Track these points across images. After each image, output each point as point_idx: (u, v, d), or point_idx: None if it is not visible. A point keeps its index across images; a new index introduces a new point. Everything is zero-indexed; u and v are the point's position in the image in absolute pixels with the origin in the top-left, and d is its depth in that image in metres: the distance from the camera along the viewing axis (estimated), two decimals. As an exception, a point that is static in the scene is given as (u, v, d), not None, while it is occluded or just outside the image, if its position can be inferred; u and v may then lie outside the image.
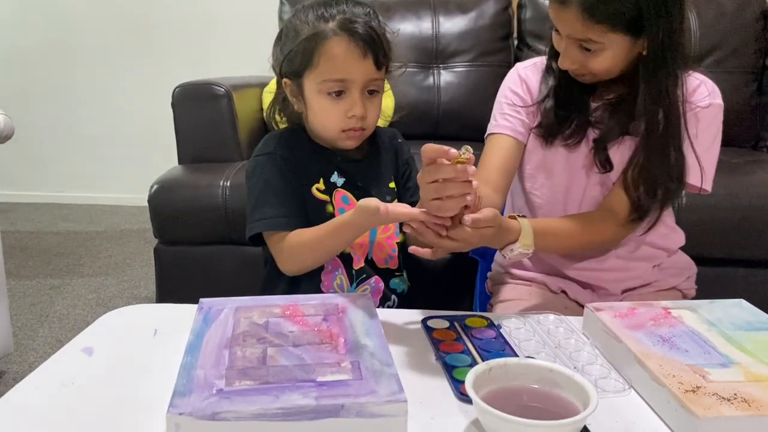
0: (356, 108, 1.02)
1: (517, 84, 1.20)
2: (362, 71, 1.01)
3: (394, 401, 0.67)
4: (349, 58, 0.99)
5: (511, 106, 1.19)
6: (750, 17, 2.24)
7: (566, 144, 1.13)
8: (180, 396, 0.67)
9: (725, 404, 0.68)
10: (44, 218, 3.37)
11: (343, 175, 1.10)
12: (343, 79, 1.01)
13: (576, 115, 1.12)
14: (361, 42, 0.99)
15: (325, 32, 1.00)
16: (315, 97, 1.04)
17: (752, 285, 1.64)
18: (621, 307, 0.92)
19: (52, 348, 1.90)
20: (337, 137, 1.07)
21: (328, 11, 1.01)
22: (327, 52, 1.00)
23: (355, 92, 1.02)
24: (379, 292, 1.13)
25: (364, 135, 1.08)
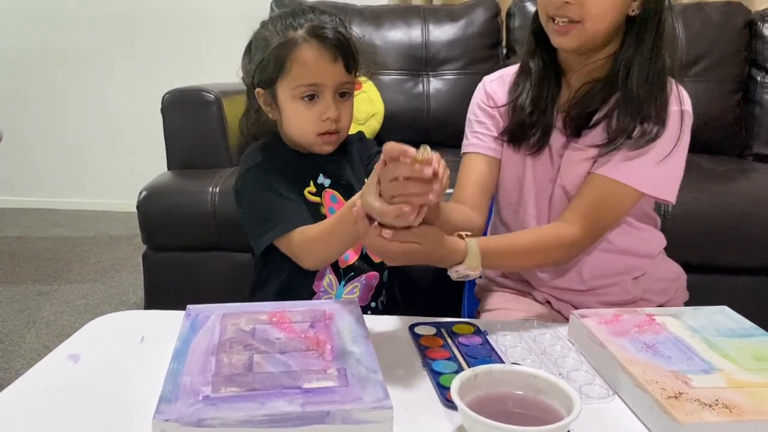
0: (330, 111, 1.06)
1: (484, 99, 1.20)
2: (333, 75, 1.04)
3: (380, 408, 0.67)
4: (321, 62, 1.03)
5: (480, 123, 1.19)
6: (735, 27, 2.27)
7: (531, 153, 1.13)
8: (166, 402, 0.67)
9: (707, 410, 0.68)
10: (33, 223, 3.35)
11: (327, 175, 1.13)
12: (315, 83, 1.04)
13: (542, 119, 1.11)
14: (331, 46, 1.03)
15: (295, 39, 1.03)
16: (289, 103, 1.07)
17: (737, 292, 1.66)
18: (606, 314, 0.93)
19: (40, 354, 1.89)
20: (314, 142, 1.09)
21: (296, 20, 1.05)
22: (298, 58, 1.03)
23: (327, 96, 1.05)
24: (370, 288, 1.14)
25: (339, 139, 1.11)
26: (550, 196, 1.14)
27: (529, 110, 1.11)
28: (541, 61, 1.12)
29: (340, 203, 1.12)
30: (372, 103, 2.25)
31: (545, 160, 1.14)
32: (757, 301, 1.65)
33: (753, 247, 1.65)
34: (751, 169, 2.08)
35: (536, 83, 1.12)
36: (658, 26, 1.03)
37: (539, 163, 1.14)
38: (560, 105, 1.13)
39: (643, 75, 1.03)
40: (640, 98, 1.03)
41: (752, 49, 2.30)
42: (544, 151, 1.13)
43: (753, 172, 2.01)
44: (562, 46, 1.06)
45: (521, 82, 1.14)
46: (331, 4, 2.43)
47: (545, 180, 1.14)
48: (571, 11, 1.01)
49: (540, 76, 1.12)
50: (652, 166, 1.04)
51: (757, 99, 2.29)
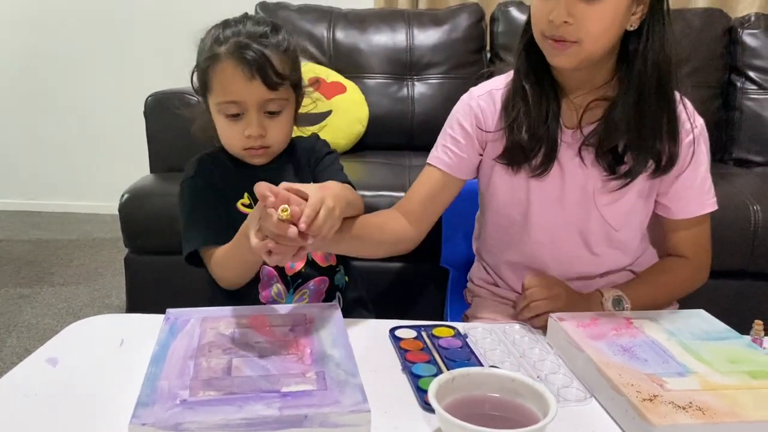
0: (250, 128, 1.04)
1: (467, 117, 1.14)
2: (252, 93, 1.02)
3: (357, 411, 0.68)
4: (237, 81, 1.01)
5: (455, 140, 1.14)
6: (715, 33, 2.30)
7: (534, 174, 1.09)
8: (143, 406, 0.67)
9: (680, 412, 0.69)
10: (14, 226, 3.32)
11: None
12: (235, 101, 1.03)
13: (545, 141, 1.06)
14: (247, 65, 1.00)
15: (217, 55, 1.02)
16: (217, 117, 1.07)
17: (715, 295, 1.67)
18: (584, 317, 0.94)
19: (20, 358, 1.86)
20: (242, 155, 1.09)
21: (224, 33, 1.04)
22: (218, 75, 1.03)
23: (251, 113, 1.04)
24: (320, 293, 1.14)
25: (271, 152, 1.10)
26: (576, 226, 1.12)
27: (528, 134, 1.06)
28: (536, 78, 1.07)
29: None
30: (356, 106, 2.25)
31: (554, 178, 1.09)
32: (734, 305, 1.67)
33: (731, 252, 1.67)
34: (731, 173, 2.10)
35: (533, 103, 1.06)
36: (662, 36, 1.00)
37: (547, 181, 1.10)
38: (565, 122, 1.08)
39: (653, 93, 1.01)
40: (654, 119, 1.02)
41: (732, 55, 2.33)
42: (551, 172, 1.09)
43: (732, 177, 2.04)
44: (560, 66, 1.02)
45: (516, 103, 1.08)
46: (316, 8, 2.44)
47: (554, 200, 1.11)
48: (569, 32, 0.96)
49: (536, 94, 1.06)
50: (709, 184, 1.11)
51: (737, 104, 2.32)
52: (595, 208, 1.09)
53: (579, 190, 1.09)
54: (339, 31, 2.39)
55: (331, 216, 0.86)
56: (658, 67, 1.00)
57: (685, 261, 1.14)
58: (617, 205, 1.09)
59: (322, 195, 0.86)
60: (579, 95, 1.07)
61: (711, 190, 1.11)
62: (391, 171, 1.98)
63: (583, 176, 1.09)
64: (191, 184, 1.11)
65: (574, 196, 1.10)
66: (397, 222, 1.13)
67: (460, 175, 1.15)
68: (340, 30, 2.39)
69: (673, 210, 1.11)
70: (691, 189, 1.09)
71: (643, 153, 1.03)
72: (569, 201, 1.10)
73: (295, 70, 1.08)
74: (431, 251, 1.49)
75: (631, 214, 1.11)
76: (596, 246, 1.12)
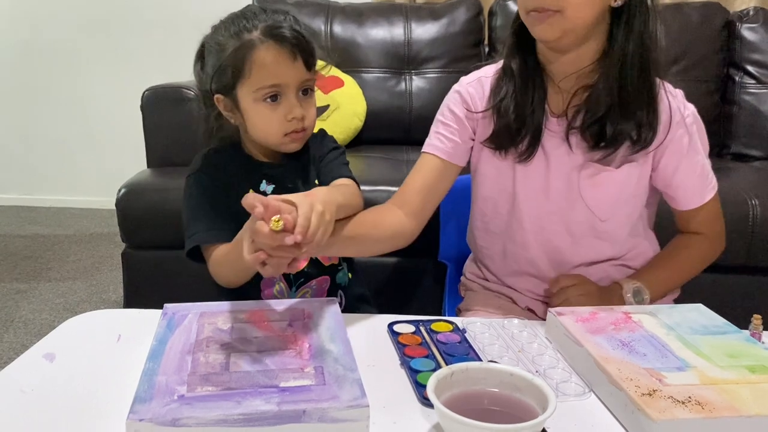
0: (295, 110, 1.04)
1: (457, 103, 1.15)
2: (294, 74, 1.02)
3: (356, 406, 0.68)
4: (281, 62, 1.01)
5: (446, 126, 1.15)
6: (714, 28, 2.30)
7: (521, 160, 1.10)
8: (140, 402, 0.66)
9: (679, 407, 0.69)
10: (11, 221, 3.31)
11: (271, 181, 1.11)
12: (277, 84, 1.02)
13: (530, 123, 1.07)
14: (288, 45, 1.00)
15: (252, 42, 1.00)
16: (252, 106, 1.04)
17: (716, 290, 1.67)
18: (583, 312, 0.94)
19: (17, 353, 1.85)
20: (281, 142, 1.07)
21: (249, 22, 1.02)
22: (257, 60, 1.00)
23: (291, 95, 1.03)
24: (322, 292, 1.14)
25: (306, 136, 1.09)
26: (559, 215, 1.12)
27: (514, 115, 1.08)
28: (523, 61, 1.08)
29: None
30: (354, 101, 2.25)
31: (538, 166, 1.10)
32: (734, 299, 1.67)
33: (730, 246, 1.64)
34: (729, 168, 2.10)
35: (520, 85, 1.08)
36: (646, 15, 1.00)
37: (531, 169, 1.11)
38: (551, 109, 1.09)
39: (636, 67, 1.01)
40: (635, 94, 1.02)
41: (730, 49, 2.33)
42: (536, 158, 1.09)
43: (730, 171, 2.04)
44: (542, 36, 1.02)
45: (504, 84, 1.10)
46: (313, 1, 2.43)
47: (539, 189, 1.11)
48: (549, 1, 0.97)
49: (523, 77, 1.08)
50: (708, 168, 1.12)
51: (735, 99, 2.32)
52: (580, 197, 1.09)
53: (564, 178, 1.10)
54: (336, 25, 2.38)
55: (322, 221, 0.86)
56: (640, 43, 1.01)
57: (700, 236, 1.16)
58: (602, 194, 1.09)
59: (311, 201, 0.86)
60: (565, 79, 1.07)
61: (710, 174, 1.13)
62: (388, 165, 1.98)
63: (569, 163, 1.09)
64: (196, 178, 1.10)
65: (559, 184, 1.10)
66: (393, 216, 1.12)
67: (456, 160, 1.16)
68: (337, 24, 2.38)
69: (679, 201, 1.12)
70: (692, 178, 1.10)
71: (625, 121, 1.03)
72: (554, 190, 1.11)
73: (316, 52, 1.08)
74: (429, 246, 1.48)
75: (617, 205, 1.10)
76: (581, 236, 1.12)
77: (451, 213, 1.43)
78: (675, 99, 1.07)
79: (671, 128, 1.05)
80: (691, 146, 1.08)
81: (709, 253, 1.18)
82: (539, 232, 1.14)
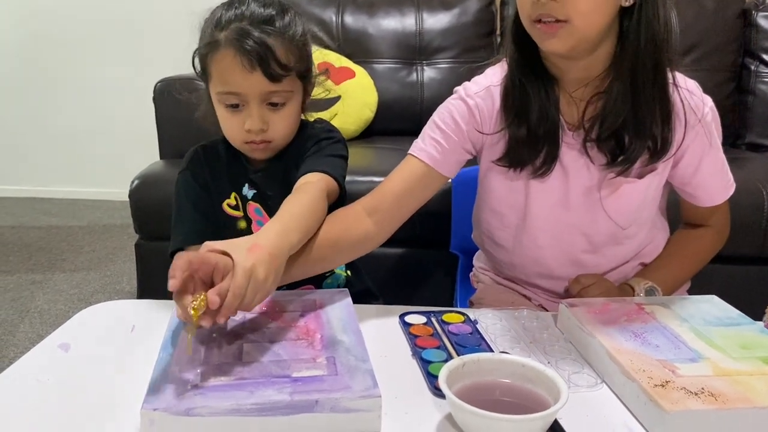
0: (250, 121, 0.98)
1: (464, 115, 1.07)
2: (252, 85, 0.96)
3: (368, 396, 0.68)
4: (236, 71, 0.95)
5: (444, 134, 1.07)
6: (730, 16, 2.27)
7: (536, 175, 1.04)
8: (154, 392, 0.67)
9: (692, 398, 0.69)
10: (26, 213, 3.34)
11: (252, 186, 1.08)
12: (234, 92, 0.97)
13: (546, 140, 1.02)
14: (246, 56, 0.94)
15: (217, 42, 0.96)
16: (217, 106, 1.02)
17: (728, 281, 1.66)
18: (595, 303, 0.93)
19: (33, 343, 1.87)
20: (243, 149, 1.04)
21: (227, 14, 0.97)
22: (217, 63, 0.97)
23: (252, 105, 0.98)
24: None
25: (273, 147, 1.04)
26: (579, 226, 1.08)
27: (527, 131, 1.01)
28: (531, 71, 1.01)
29: (265, 218, 1.06)
30: (365, 92, 2.24)
31: (556, 179, 1.05)
32: (746, 290, 1.65)
33: (744, 237, 1.66)
34: (744, 158, 2.08)
35: (533, 101, 1.01)
36: (656, 10, 0.93)
37: (548, 183, 1.05)
38: (566, 120, 1.04)
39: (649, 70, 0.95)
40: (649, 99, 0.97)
41: (746, 38, 2.30)
42: (554, 171, 1.04)
43: (745, 161, 2.02)
44: (552, 50, 0.95)
45: (513, 101, 1.03)
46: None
47: (556, 203, 1.07)
48: (556, 10, 0.89)
49: (533, 90, 1.01)
50: (726, 165, 1.10)
51: (750, 88, 2.29)
52: (601, 209, 1.05)
53: (584, 191, 1.05)
54: (348, 16, 2.38)
55: (261, 289, 0.76)
56: (653, 44, 0.94)
57: (707, 228, 1.15)
58: (624, 204, 1.05)
59: (251, 265, 0.74)
60: (578, 89, 1.01)
61: (728, 171, 1.11)
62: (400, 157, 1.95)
63: (587, 176, 1.04)
64: (182, 177, 1.08)
65: (579, 197, 1.06)
66: (359, 226, 1.03)
67: (446, 171, 1.08)
68: (348, 14, 2.38)
69: (701, 198, 1.10)
70: (714, 176, 1.08)
71: (640, 136, 0.98)
72: (574, 202, 1.06)
73: (303, 59, 1.01)
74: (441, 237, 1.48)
75: (638, 211, 1.07)
76: (602, 246, 1.09)
77: (463, 204, 1.42)
78: (692, 96, 1.02)
79: (688, 131, 1.00)
80: (711, 144, 1.05)
81: (717, 244, 1.17)
82: (556, 245, 1.10)
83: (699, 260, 1.15)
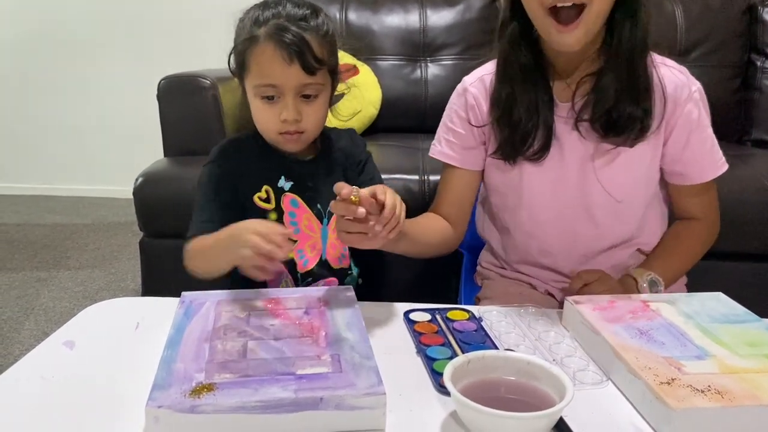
0: (286, 112, 1.02)
1: (463, 108, 1.14)
2: (290, 77, 1.00)
3: (373, 394, 0.68)
4: (275, 64, 0.99)
5: (457, 133, 1.15)
6: (736, 12, 2.26)
7: (533, 160, 1.08)
8: (159, 389, 0.67)
9: (699, 396, 0.69)
10: (30, 210, 3.35)
11: (290, 178, 1.10)
12: (272, 84, 1.01)
13: (540, 126, 1.06)
14: (286, 48, 0.98)
15: (256, 37, 1.00)
16: (252, 100, 1.05)
17: (734, 278, 1.66)
18: (600, 300, 0.93)
19: (38, 341, 1.87)
20: (276, 140, 1.07)
21: (264, 14, 1.02)
22: (256, 57, 1.01)
23: (287, 97, 1.02)
24: None
25: (306, 138, 1.07)
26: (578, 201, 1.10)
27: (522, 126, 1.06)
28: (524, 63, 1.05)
29: (302, 209, 1.09)
30: (370, 88, 2.24)
31: (553, 156, 1.08)
32: (753, 287, 1.65)
33: (751, 234, 1.65)
34: (750, 154, 2.07)
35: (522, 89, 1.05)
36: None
37: (545, 162, 1.08)
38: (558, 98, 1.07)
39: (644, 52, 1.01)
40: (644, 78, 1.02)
41: (752, 34, 2.29)
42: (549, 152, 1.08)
43: (752, 158, 2.00)
44: (567, 46, 0.98)
45: (503, 90, 1.07)
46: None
47: (555, 179, 1.10)
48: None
49: (527, 83, 1.05)
50: (717, 145, 1.10)
51: (756, 84, 2.28)
52: (596, 181, 1.08)
53: (578, 163, 1.08)
54: (351, 12, 2.37)
55: (402, 209, 0.89)
56: (639, 28, 1.00)
57: (698, 222, 1.15)
58: (617, 175, 1.08)
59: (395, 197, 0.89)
60: (571, 71, 1.06)
61: (719, 150, 1.11)
62: (404, 154, 1.97)
63: (582, 149, 1.08)
64: (210, 169, 1.10)
65: (575, 170, 1.09)
66: (439, 223, 1.16)
67: (469, 166, 1.16)
68: (352, 11, 2.37)
69: (689, 176, 1.10)
70: (702, 152, 1.09)
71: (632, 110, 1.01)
72: (570, 177, 1.09)
73: (333, 55, 1.06)
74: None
75: (633, 185, 1.10)
76: (601, 219, 1.11)
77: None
78: (682, 74, 1.07)
79: (679, 103, 1.05)
80: (700, 120, 1.07)
81: (709, 239, 1.17)
82: (557, 221, 1.12)
83: (695, 254, 1.16)
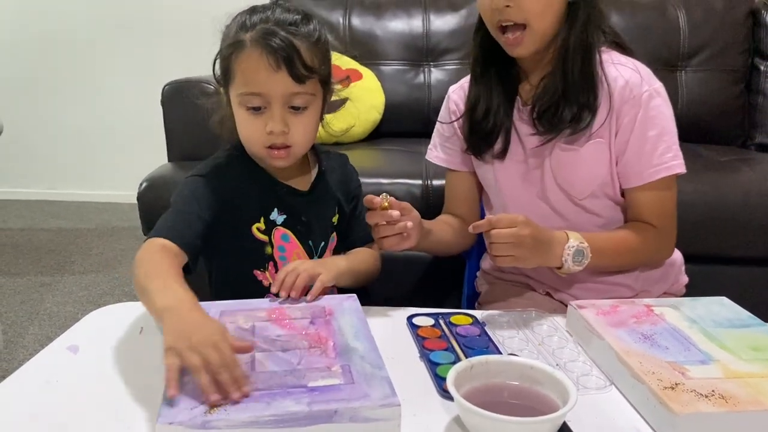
0: (272, 123, 0.97)
1: (446, 115, 1.24)
2: (277, 85, 0.95)
3: (388, 405, 0.67)
4: (261, 70, 0.94)
5: (448, 138, 1.23)
6: (738, 16, 2.25)
7: (496, 157, 1.15)
8: (169, 405, 0.66)
9: (703, 401, 0.68)
10: (35, 215, 3.36)
11: (284, 211, 1.06)
12: (258, 92, 0.96)
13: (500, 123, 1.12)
14: (273, 55, 0.93)
15: (242, 43, 0.96)
16: (237, 109, 1.00)
17: (738, 282, 1.65)
18: (604, 305, 0.93)
19: (42, 346, 1.87)
20: (262, 155, 1.02)
21: (251, 19, 0.97)
22: (242, 63, 0.96)
23: (274, 107, 0.97)
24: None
25: (294, 153, 1.02)
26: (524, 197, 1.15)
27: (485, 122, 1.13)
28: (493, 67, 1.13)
29: (292, 244, 1.06)
30: (373, 93, 2.24)
31: (517, 155, 1.14)
32: (758, 292, 1.64)
33: (754, 238, 1.65)
34: (753, 159, 2.06)
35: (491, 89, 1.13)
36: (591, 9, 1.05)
37: (510, 163, 1.14)
38: (523, 99, 1.14)
39: (579, 56, 1.05)
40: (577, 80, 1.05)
41: (755, 38, 2.28)
42: (514, 148, 1.13)
43: (755, 162, 1.99)
44: (521, 56, 1.08)
45: (472, 92, 1.16)
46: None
47: (520, 176, 1.15)
48: (513, 14, 1.02)
49: (495, 86, 1.13)
50: (665, 147, 1.07)
51: (760, 89, 2.27)
52: (554, 181, 1.12)
53: (538, 163, 1.13)
54: (355, 18, 2.37)
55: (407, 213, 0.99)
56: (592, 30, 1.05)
57: (649, 226, 1.10)
58: (570, 172, 1.10)
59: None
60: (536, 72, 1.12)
61: (669, 153, 1.07)
62: (407, 158, 1.97)
63: (541, 149, 1.11)
64: (197, 182, 1.03)
65: (536, 170, 1.13)
66: (455, 222, 1.23)
67: (468, 167, 1.24)
68: (356, 16, 2.38)
69: (628, 177, 1.09)
70: (640, 154, 1.07)
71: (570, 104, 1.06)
72: (532, 174, 1.14)
73: (325, 64, 1.01)
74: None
75: (590, 185, 1.10)
76: (567, 215, 1.13)
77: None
78: (637, 74, 1.07)
79: (626, 102, 1.06)
80: (643, 122, 1.06)
81: (654, 248, 1.12)
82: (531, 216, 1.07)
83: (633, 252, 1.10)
